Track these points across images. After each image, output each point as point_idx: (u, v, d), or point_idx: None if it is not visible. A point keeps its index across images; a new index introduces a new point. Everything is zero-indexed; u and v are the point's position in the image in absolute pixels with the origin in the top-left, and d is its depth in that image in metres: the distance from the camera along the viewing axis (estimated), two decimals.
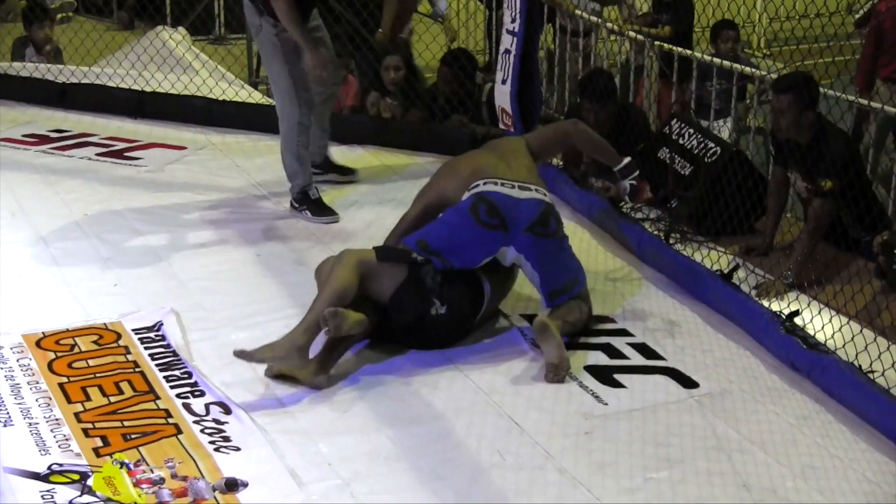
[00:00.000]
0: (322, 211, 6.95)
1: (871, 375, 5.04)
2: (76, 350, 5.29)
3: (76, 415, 4.75)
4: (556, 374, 5.20)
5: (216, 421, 4.74)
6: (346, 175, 7.63)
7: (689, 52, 8.28)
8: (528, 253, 5.50)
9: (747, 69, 8.50)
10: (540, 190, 5.62)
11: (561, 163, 7.72)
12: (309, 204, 6.98)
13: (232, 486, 4.30)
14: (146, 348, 5.32)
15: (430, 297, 5.36)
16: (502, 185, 5.55)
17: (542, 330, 5.29)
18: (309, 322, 5.10)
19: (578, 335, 5.58)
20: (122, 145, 8.34)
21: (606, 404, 5.03)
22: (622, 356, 5.48)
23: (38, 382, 5.00)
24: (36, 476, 4.31)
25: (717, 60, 8.34)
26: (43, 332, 5.42)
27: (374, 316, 5.35)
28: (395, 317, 5.38)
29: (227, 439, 4.61)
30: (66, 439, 4.56)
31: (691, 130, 7.11)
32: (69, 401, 4.86)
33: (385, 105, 8.82)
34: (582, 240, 6.85)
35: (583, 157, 7.56)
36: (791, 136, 6.25)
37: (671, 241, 6.56)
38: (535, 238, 5.49)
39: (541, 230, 5.50)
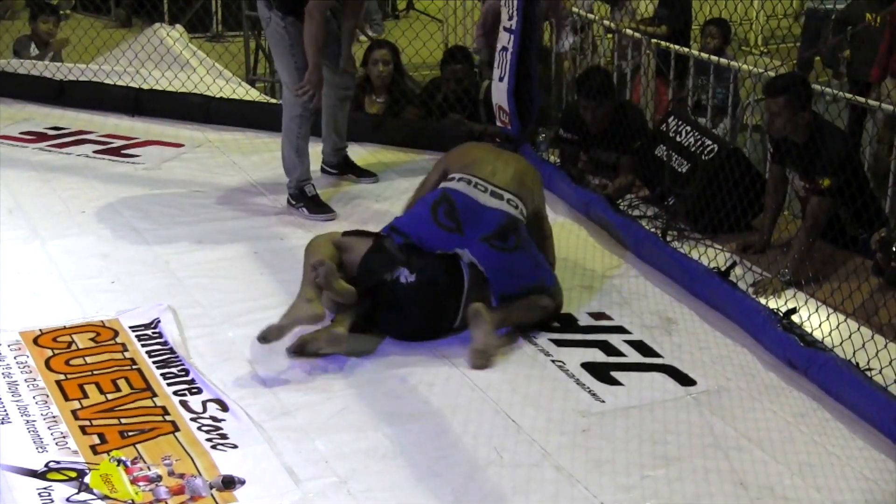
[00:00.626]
0: (319, 208, 6.95)
1: (868, 373, 5.04)
2: (73, 347, 5.29)
3: (73, 412, 4.74)
4: (480, 359, 5.26)
5: (213, 418, 4.74)
6: (362, 177, 7.67)
7: (685, 49, 8.27)
8: (481, 260, 5.55)
9: (733, 64, 8.49)
10: (514, 201, 5.62)
11: (558, 160, 7.72)
12: (305, 201, 6.99)
13: (229, 483, 4.30)
14: (143, 345, 5.32)
15: (394, 262, 5.45)
16: (475, 186, 5.61)
17: (474, 314, 5.35)
18: (306, 286, 5.37)
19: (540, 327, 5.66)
20: (119, 143, 8.34)
21: (603, 402, 5.03)
22: (619, 353, 5.48)
23: (35, 380, 5.00)
24: (33, 473, 4.31)
25: (713, 58, 8.35)
26: (40, 330, 5.42)
27: (360, 308, 5.46)
28: (364, 281, 5.47)
29: (224, 437, 4.61)
30: (64, 437, 4.56)
31: (688, 128, 7.11)
32: (66, 398, 4.85)
33: (370, 101, 8.80)
34: (579, 237, 6.86)
35: (580, 154, 7.57)
36: (787, 135, 6.26)
37: (668, 238, 6.56)
38: (490, 249, 5.53)
39: (497, 243, 5.53)
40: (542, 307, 5.66)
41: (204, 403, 4.85)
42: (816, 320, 5.51)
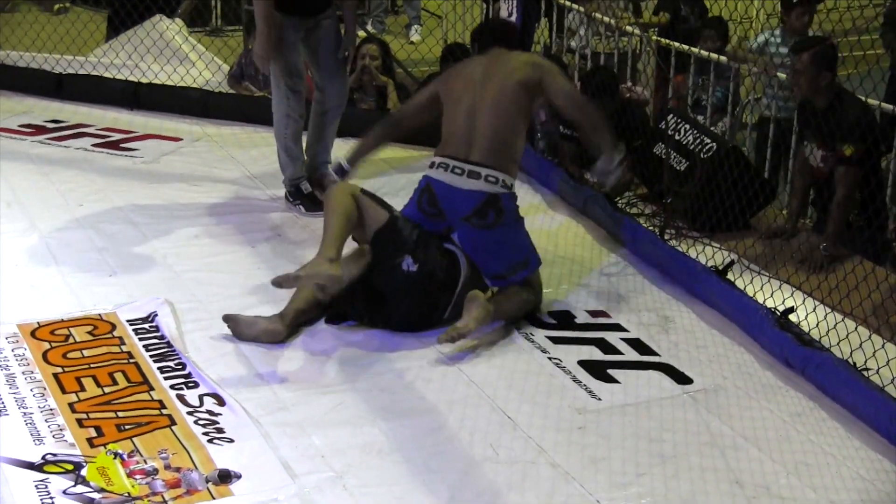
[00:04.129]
0: (316, 205, 6.94)
1: (865, 373, 5.05)
2: (71, 340, 5.29)
3: (70, 405, 4.75)
4: (448, 335, 5.28)
5: (210, 412, 4.74)
6: (310, 211, 7.09)
7: (685, 46, 8.25)
8: (464, 239, 5.66)
9: (733, 62, 8.49)
10: (492, 176, 5.64)
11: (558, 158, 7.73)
12: (302, 198, 7.00)
13: (225, 477, 4.30)
14: (140, 339, 5.32)
15: (402, 247, 5.52)
16: (452, 170, 5.66)
17: (472, 299, 5.40)
18: (328, 244, 5.42)
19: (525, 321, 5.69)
20: (117, 136, 8.35)
21: (600, 399, 5.03)
22: (616, 351, 5.48)
23: (32, 372, 5.00)
24: (30, 466, 4.31)
25: (713, 56, 8.33)
26: (38, 323, 5.42)
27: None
28: (372, 256, 5.55)
29: (220, 431, 4.61)
30: (61, 429, 4.56)
31: (687, 126, 7.10)
32: (63, 391, 4.86)
33: (360, 97, 8.79)
34: (577, 235, 6.87)
35: (580, 152, 7.55)
36: (808, 96, 6.36)
37: (666, 236, 6.56)
38: (471, 228, 5.64)
39: (477, 221, 5.63)
40: (524, 300, 5.72)
41: (201, 397, 4.85)
42: (814, 320, 5.51)
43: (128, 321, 5.48)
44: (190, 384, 4.96)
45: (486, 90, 5.74)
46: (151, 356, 5.18)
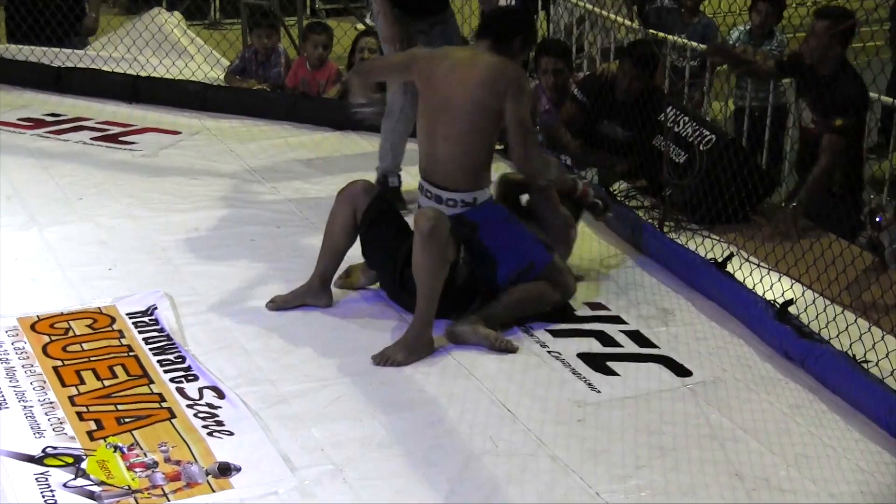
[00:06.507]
0: (398, 200, 6.81)
1: (865, 365, 5.05)
2: (71, 334, 5.29)
3: (70, 398, 4.75)
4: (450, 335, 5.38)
5: (210, 405, 4.75)
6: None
7: (672, 37, 8.28)
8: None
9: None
10: (451, 200, 5.54)
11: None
12: (386, 191, 6.92)
13: (225, 470, 4.30)
14: (140, 332, 5.32)
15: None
16: (425, 194, 5.60)
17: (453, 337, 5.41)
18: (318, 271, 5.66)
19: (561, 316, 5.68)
20: (116, 130, 8.35)
21: (599, 392, 5.03)
22: (615, 344, 5.48)
23: (32, 366, 5.00)
24: (30, 459, 4.31)
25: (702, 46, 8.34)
26: (38, 316, 5.42)
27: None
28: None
29: (220, 424, 4.61)
30: (61, 422, 4.57)
31: (686, 118, 7.10)
32: (63, 384, 4.86)
33: None
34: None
35: (583, 123, 7.52)
36: (814, 61, 6.47)
37: (666, 229, 6.56)
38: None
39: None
40: (526, 294, 5.60)
41: (200, 390, 4.86)
42: (813, 312, 5.50)
43: (127, 314, 5.48)
44: (189, 377, 4.96)
45: (447, 112, 5.53)
46: (151, 349, 5.18)
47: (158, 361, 5.08)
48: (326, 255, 5.69)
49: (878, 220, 6.07)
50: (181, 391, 4.85)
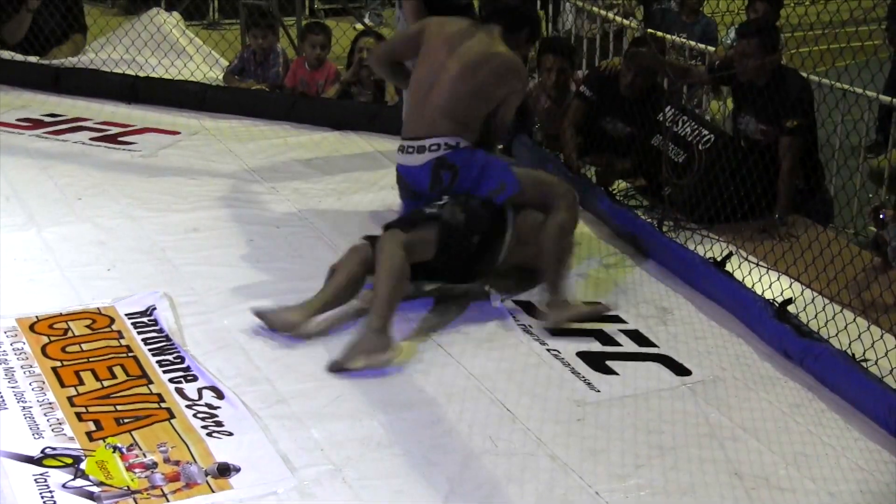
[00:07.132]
0: None
1: (864, 363, 5.05)
2: (70, 334, 5.29)
3: (69, 399, 4.75)
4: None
5: (209, 406, 4.75)
6: None
7: (668, 35, 8.30)
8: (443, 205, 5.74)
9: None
10: (434, 144, 5.77)
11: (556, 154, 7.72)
12: None
13: (224, 470, 4.30)
14: (139, 333, 5.32)
15: (468, 234, 5.66)
16: (406, 151, 5.86)
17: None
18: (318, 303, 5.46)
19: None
20: (115, 130, 8.33)
21: (599, 391, 5.03)
22: (615, 343, 5.49)
23: (31, 366, 5.00)
24: (29, 460, 4.31)
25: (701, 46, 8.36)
26: (37, 316, 5.42)
27: None
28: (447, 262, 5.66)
29: (219, 424, 4.61)
30: (60, 423, 4.56)
31: (685, 118, 7.09)
32: (62, 385, 4.86)
33: (357, 90, 8.79)
34: None
35: (589, 117, 7.53)
36: (752, 78, 6.60)
37: (664, 228, 6.56)
38: (439, 193, 5.77)
39: (439, 188, 5.77)
40: (560, 226, 5.77)
41: (199, 391, 4.85)
42: (812, 311, 5.50)
43: (126, 315, 5.48)
44: (189, 377, 4.96)
45: (450, 69, 5.79)
46: (150, 350, 5.18)
47: (157, 362, 5.08)
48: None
49: (881, 216, 6.08)
50: (180, 391, 4.85)
